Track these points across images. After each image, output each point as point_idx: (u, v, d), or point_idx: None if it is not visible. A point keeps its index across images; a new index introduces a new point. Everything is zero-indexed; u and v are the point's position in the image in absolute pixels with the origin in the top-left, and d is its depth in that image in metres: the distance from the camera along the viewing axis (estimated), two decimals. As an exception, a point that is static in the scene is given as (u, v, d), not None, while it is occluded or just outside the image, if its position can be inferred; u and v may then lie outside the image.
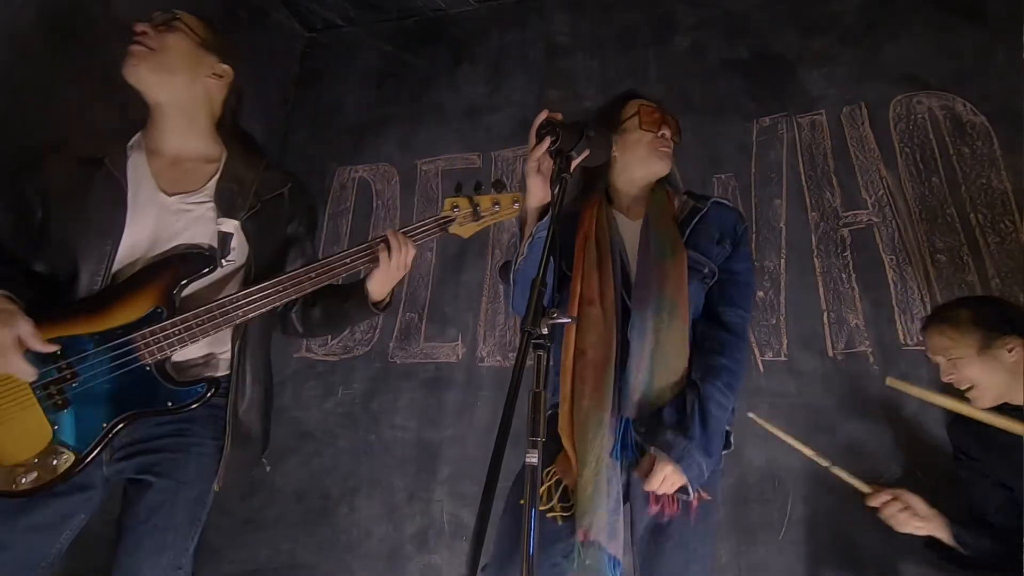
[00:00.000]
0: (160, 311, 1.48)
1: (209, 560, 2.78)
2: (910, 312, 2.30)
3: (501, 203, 1.64)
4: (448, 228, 1.63)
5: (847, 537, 2.14)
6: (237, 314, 1.51)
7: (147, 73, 1.58)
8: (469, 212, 1.63)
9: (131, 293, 1.49)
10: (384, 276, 1.60)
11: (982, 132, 2.40)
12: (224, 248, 1.57)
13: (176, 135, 1.65)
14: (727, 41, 2.87)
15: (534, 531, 0.96)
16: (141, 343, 1.46)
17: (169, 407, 1.49)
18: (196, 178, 1.64)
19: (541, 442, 0.98)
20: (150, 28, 1.61)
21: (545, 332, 1.07)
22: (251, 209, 1.63)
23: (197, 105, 1.66)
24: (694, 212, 1.72)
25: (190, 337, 1.48)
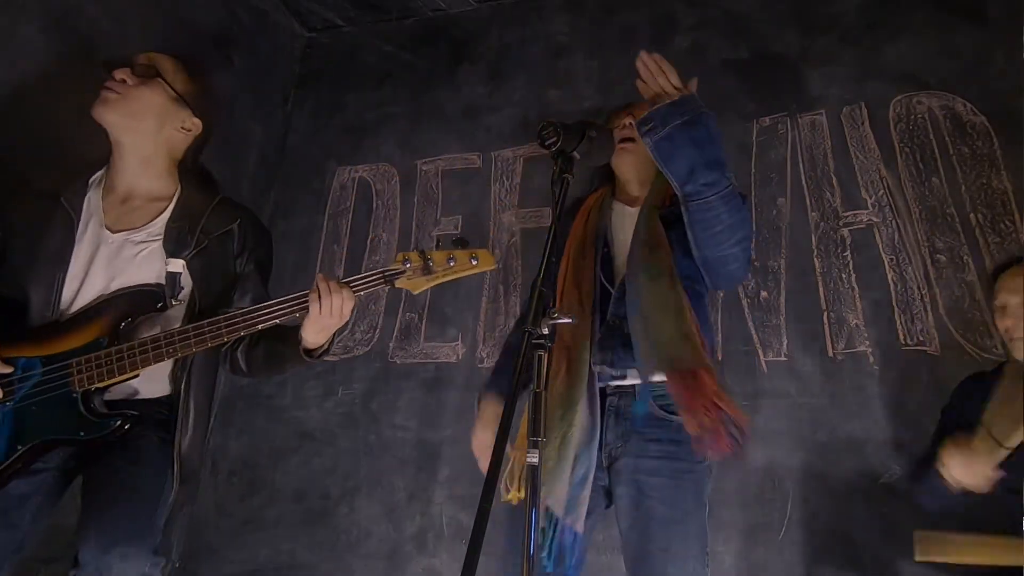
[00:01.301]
0: (101, 341, 1.52)
1: (209, 560, 2.78)
2: (910, 312, 2.30)
3: (457, 259, 1.55)
4: (395, 282, 1.56)
5: (847, 537, 2.14)
6: (167, 351, 1.51)
7: (114, 117, 1.64)
8: (420, 266, 1.55)
9: (80, 324, 1.53)
10: (315, 324, 1.53)
11: (982, 132, 2.40)
12: (174, 288, 1.60)
13: (130, 174, 1.69)
14: (727, 41, 2.87)
15: (535, 531, 0.96)
16: (75, 369, 1.49)
17: (80, 436, 1.50)
18: (142, 215, 1.67)
19: (542, 442, 0.99)
20: (128, 76, 1.64)
21: (546, 332, 1.07)
22: (197, 246, 1.66)
23: (158, 152, 1.71)
24: None
25: (119, 369, 1.49)
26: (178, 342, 1.51)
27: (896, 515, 2.11)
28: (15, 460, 1.46)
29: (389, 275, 1.55)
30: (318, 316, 1.49)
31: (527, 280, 2.76)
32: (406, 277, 1.55)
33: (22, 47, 2.24)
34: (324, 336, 1.58)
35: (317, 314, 1.49)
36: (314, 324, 1.52)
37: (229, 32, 3.18)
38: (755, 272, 2.50)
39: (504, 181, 2.99)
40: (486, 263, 1.56)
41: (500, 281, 2.83)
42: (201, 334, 1.51)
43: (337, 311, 1.49)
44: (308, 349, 1.60)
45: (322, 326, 1.53)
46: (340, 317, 1.51)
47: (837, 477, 2.20)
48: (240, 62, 3.22)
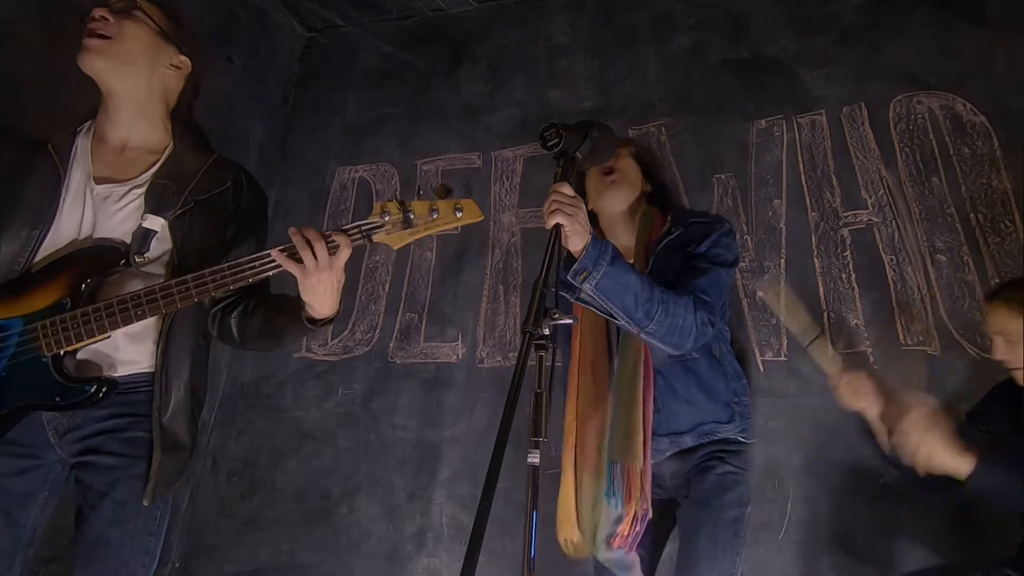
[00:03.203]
0: (64, 302, 1.43)
1: (209, 560, 2.78)
2: (910, 312, 2.30)
3: (440, 210, 1.41)
4: (372, 236, 1.43)
5: (847, 537, 2.14)
6: (135, 312, 1.42)
7: (103, 64, 1.54)
8: (399, 219, 1.41)
9: (42, 283, 1.46)
10: (307, 283, 1.41)
11: (982, 132, 2.40)
12: (143, 244, 1.50)
13: (125, 124, 1.61)
14: (727, 41, 2.87)
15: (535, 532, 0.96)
16: (40, 332, 1.42)
17: (57, 403, 1.42)
18: (134, 167, 1.59)
19: (543, 442, 0.98)
20: (108, 14, 1.55)
21: (546, 333, 1.07)
22: (183, 207, 1.56)
23: (152, 96, 1.62)
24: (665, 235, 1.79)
25: (87, 332, 1.41)
26: (145, 303, 1.41)
27: (896, 515, 2.11)
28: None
29: (367, 229, 1.43)
30: (303, 272, 1.38)
31: (527, 280, 2.76)
32: (384, 231, 1.43)
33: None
34: (327, 299, 1.44)
35: (308, 267, 1.37)
36: (305, 282, 1.40)
37: (229, 32, 3.18)
38: (754, 272, 2.50)
39: (504, 181, 2.99)
40: (471, 214, 1.42)
41: (500, 281, 2.83)
42: (169, 294, 1.41)
43: (324, 262, 1.37)
44: (313, 318, 1.49)
45: (314, 284, 1.40)
46: (329, 267, 1.38)
47: (837, 477, 2.20)
48: (240, 62, 3.22)
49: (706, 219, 1.79)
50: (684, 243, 1.74)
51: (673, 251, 1.73)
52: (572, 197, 1.42)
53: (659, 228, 1.80)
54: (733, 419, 1.73)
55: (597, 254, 1.47)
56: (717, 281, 1.67)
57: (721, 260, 1.70)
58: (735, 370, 1.80)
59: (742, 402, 1.78)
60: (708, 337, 1.66)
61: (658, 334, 1.55)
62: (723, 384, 1.74)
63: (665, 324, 1.54)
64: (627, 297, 1.50)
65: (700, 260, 1.69)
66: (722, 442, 1.71)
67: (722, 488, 1.67)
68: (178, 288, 1.42)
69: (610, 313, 1.53)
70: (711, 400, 1.72)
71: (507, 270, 2.84)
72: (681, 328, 1.56)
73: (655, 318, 1.53)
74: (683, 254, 1.72)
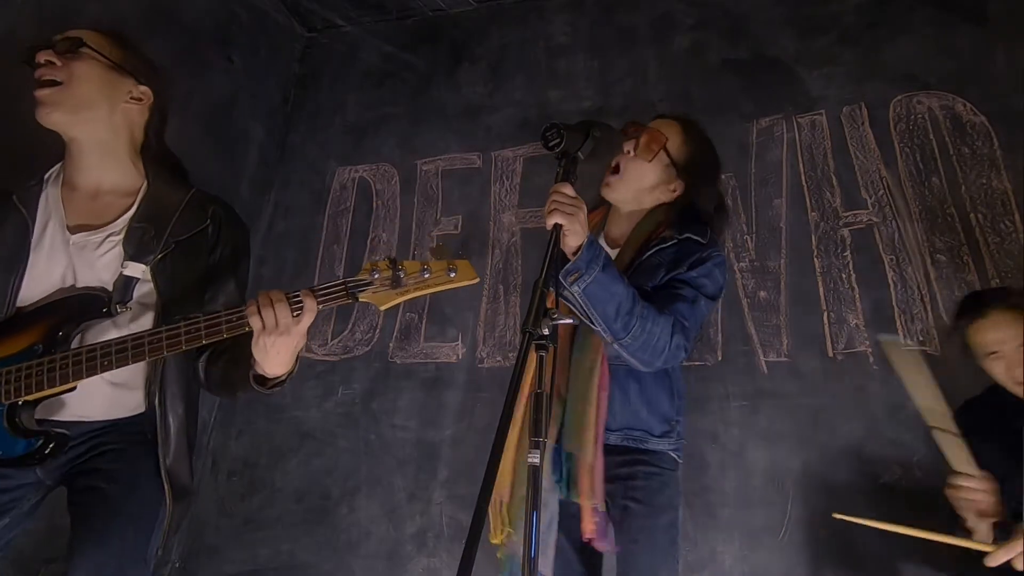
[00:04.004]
0: (36, 348, 1.38)
1: (209, 560, 2.78)
2: (910, 312, 2.30)
3: (432, 271, 1.36)
4: (359, 295, 1.35)
5: (847, 537, 2.14)
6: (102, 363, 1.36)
7: (60, 115, 1.48)
8: (388, 277, 1.35)
9: (20, 329, 1.41)
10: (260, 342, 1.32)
11: (982, 132, 2.40)
12: (125, 293, 1.46)
13: (94, 169, 1.55)
14: (727, 41, 2.87)
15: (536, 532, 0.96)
16: (3, 379, 1.36)
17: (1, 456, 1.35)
18: (108, 213, 1.53)
19: (543, 443, 0.98)
20: (53, 56, 1.47)
21: (546, 333, 1.07)
22: (164, 250, 1.51)
23: (117, 135, 1.56)
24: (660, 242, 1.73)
25: (49, 381, 1.35)
26: (115, 354, 1.35)
27: (896, 515, 2.11)
28: None
29: (352, 286, 1.35)
30: (260, 332, 1.31)
31: (527, 280, 2.77)
32: (371, 290, 1.35)
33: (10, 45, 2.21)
34: (277, 360, 1.36)
35: (259, 329, 1.30)
36: (259, 343, 1.33)
37: (229, 32, 3.18)
38: (754, 272, 2.50)
39: (504, 181, 2.99)
40: (465, 276, 1.37)
41: (500, 281, 2.83)
42: (139, 346, 1.35)
43: (284, 326, 1.29)
44: (261, 376, 1.40)
45: (268, 345, 1.32)
46: (288, 332, 1.30)
47: (837, 477, 2.20)
48: (240, 62, 3.22)
49: (703, 240, 1.71)
50: (673, 260, 1.69)
51: (660, 264, 1.69)
52: (572, 198, 1.42)
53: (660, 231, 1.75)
54: (669, 435, 1.70)
55: (591, 257, 1.47)
56: (698, 310, 1.65)
57: (706, 291, 1.67)
58: (680, 388, 1.76)
59: (681, 422, 1.74)
60: (678, 362, 1.64)
61: (631, 348, 1.55)
62: (666, 399, 1.71)
63: (640, 340, 1.53)
64: (610, 306, 1.49)
65: (686, 286, 1.65)
66: (647, 452, 1.67)
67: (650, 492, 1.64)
68: (150, 340, 1.36)
69: (590, 318, 1.52)
70: (650, 411, 1.69)
71: (507, 270, 2.84)
72: (655, 347, 1.55)
73: (632, 332, 1.52)
74: (668, 270, 1.68)
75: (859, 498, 2.16)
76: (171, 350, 1.36)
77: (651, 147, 1.76)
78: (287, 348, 1.34)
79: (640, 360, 1.58)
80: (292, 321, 1.30)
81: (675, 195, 1.79)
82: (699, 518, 2.28)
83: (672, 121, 1.84)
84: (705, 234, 1.72)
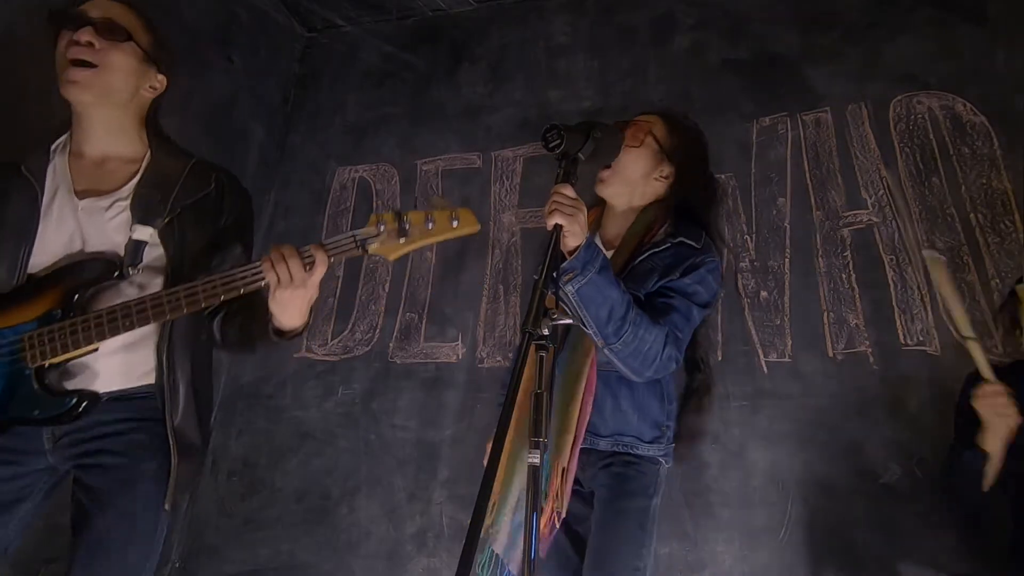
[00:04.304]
0: (55, 313, 1.42)
1: (209, 560, 2.78)
2: (910, 312, 2.30)
3: (436, 220, 1.41)
4: (368, 247, 1.41)
5: (847, 537, 2.14)
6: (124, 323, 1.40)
7: (89, 97, 1.52)
8: (394, 229, 1.40)
9: (34, 296, 1.44)
10: (276, 296, 1.40)
11: (982, 132, 2.40)
12: (135, 256, 1.49)
13: (101, 139, 1.59)
14: (727, 41, 2.87)
15: (535, 532, 0.96)
16: (27, 343, 1.40)
17: (36, 416, 1.40)
18: (114, 179, 1.57)
19: (543, 442, 0.98)
20: (95, 37, 1.48)
21: (546, 333, 1.07)
22: (170, 214, 1.54)
23: (128, 114, 1.61)
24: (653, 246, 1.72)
25: (73, 343, 1.39)
26: (135, 314, 1.40)
27: (896, 515, 2.11)
28: None
29: (361, 239, 1.41)
30: (276, 286, 1.38)
31: (527, 280, 2.77)
32: (379, 242, 1.41)
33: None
34: (293, 312, 1.44)
35: (274, 283, 1.37)
36: (275, 297, 1.40)
37: (229, 32, 3.18)
38: (755, 272, 2.50)
39: (504, 181, 2.99)
40: (468, 224, 1.41)
41: (500, 281, 2.83)
42: (159, 305, 1.40)
43: (299, 279, 1.37)
44: (280, 329, 1.47)
45: (285, 299, 1.40)
46: (303, 284, 1.37)
47: (837, 477, 2.20)
48: (240, 62, 3.22)
49: (697, 244, 1.70)
50: (667, 265, 1.67)
51: (653, 269, 1.67)
52: (573, 199, 1.42)
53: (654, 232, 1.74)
54: (659, 440, 1.69)
55: (588, 259, 1.46)
56: (691, 320, 1.64)
57: (699, 299, 1.66)
58: (670, 393, 1.75)
59: (671, 428, 1.73)
60: (668, 373, 1.63)
61: (621, 355, 1.54)
62: (657, 405, 1.70)
63: (631, 347, 1.52)
64: (603, 309, 1.49)
65: (678, 295, 1.64)
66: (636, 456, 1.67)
67: (624, 479, 1.64)
68: (168, 299, 1.41)
69: (582, 320, 1.51)
70: (640, 417, 1.68)
71: (507, 270, 2.84)
72: (645, 355, 1.54)
73: (623, 338, 1.51)
74: (661, 276, 1.66)
75: (859, 498, 2.16)
76: (190, 308, 1.41)
77: (637, 136, 1.77)
78: (302, 300, 1.41)
79: (630, 368, 1.57)
80: (305, 274, 1.37)
81: (667, 181, 1.79)
82: (699, 518, 2.28)
83: (653, 114, 1.85)
84: (699, 238, 1.71)
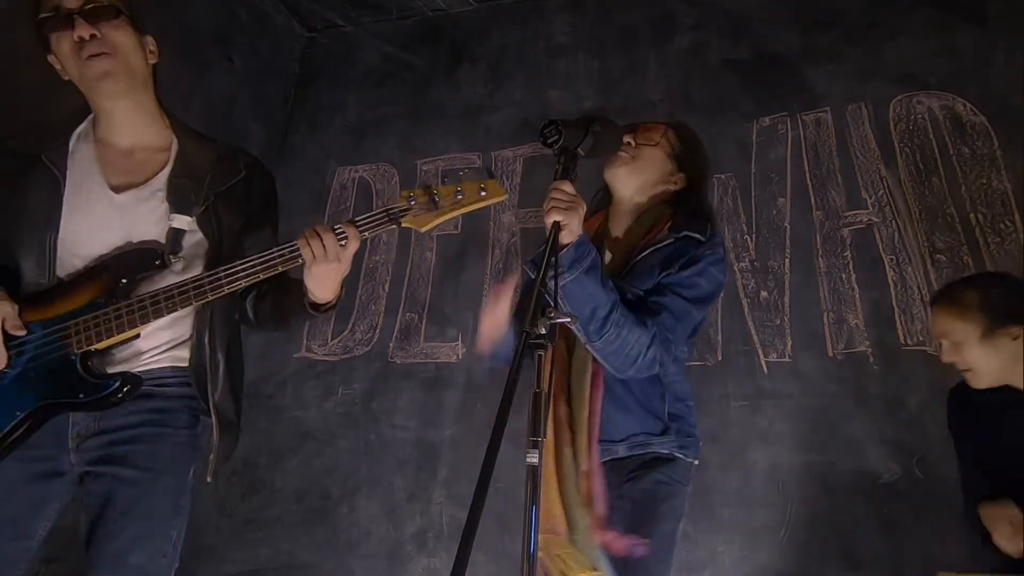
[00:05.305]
0: (99, 301, 1.45)
1: (209, 560, 2.78)
2: (910, 312, 2.30)
3: (464, 192, 1.47)
4: (401, 220, 1.46)
5: (847, 537, 2.14)
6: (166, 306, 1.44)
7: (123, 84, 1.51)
8: (425, 202, 1.46)
9: (79, 287, 1.47)
10: (312, 272, 1.44)
11: (982, 132, 2.40)
12: (176, 245, 1.52)
13: (127, 127, 1.58)
14: (727, 41, 2.87)
15: (535, 531, 0.96)
16: (72, 331, 1.43)
17: (81, 399, 1.43)
18: (147, 169, 1.58)
19: (542, 442, 0.98)
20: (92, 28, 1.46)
21: (543, 332, 1.07)
22: (205, 202, 1.57)
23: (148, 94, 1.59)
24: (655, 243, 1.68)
25: (118, 328, 1.42)
26: (178, 297, 1.43)
27: (896, 515, 2.11)
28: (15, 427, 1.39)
29: (394, 213, 1.46)
30: (312, 261, 1.42)
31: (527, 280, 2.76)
32: (412, 215, 1.46)
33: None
34: (329, 286, 1.49)
35: (310, 259, 1.42)
36: (311, 272, 1.44)
37: (229, 32, 3.18)
38: (755, 272, 2.50)
39: (504, 181, 2.99)
40: (495, 193, 1.47)
41: (500, 281, 2.83)
42: (200, 287, 1.44)
43: (333, 254, 1.41)
44: (315, 303, 1.52)
45: (320, 273, 1.44)
46: (337, 259, 1.42)
47: (837, 477, 2.20)
48: (240, 62, 3.22)
49: (702, 236, 1.67)
50: (668, 259, 1.64)
51: (655, 266, 1.64)
52: (572, 195, 1.42)
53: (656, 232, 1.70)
54: (667, 432, 1.65)
55: (577, 257, 1.45)
56: (686, 319, 1.61)
57: (698, 293, 1.62)
58: (674, 393, 1.69)
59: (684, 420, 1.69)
60: (653, 373, 1.60)
61: (603, 352, 1.53)
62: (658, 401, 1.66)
63: (613, 345, 1.51)
64: (587, 307, 1.48)
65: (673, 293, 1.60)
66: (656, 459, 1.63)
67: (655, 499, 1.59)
68: (210, 282, 1.44)
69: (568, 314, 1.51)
70: (645, 411, 1.65)
71: (507, 270, 2.84)
72: (627, 355, 1.53)
73: (605, 337, 1.50)
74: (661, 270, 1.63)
75: (859, 498, 2.16)
76: (231, 287, 1.44)
77: (653, 135, 1.76)
78: (336, 274, 1.46)
79: (612, 365, 1.55)
80: (339, 249, 1.42)
81: (677, 187, 1.77)
82: (699, 518, 2.28)
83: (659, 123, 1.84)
84: (705, 230, 1.68)
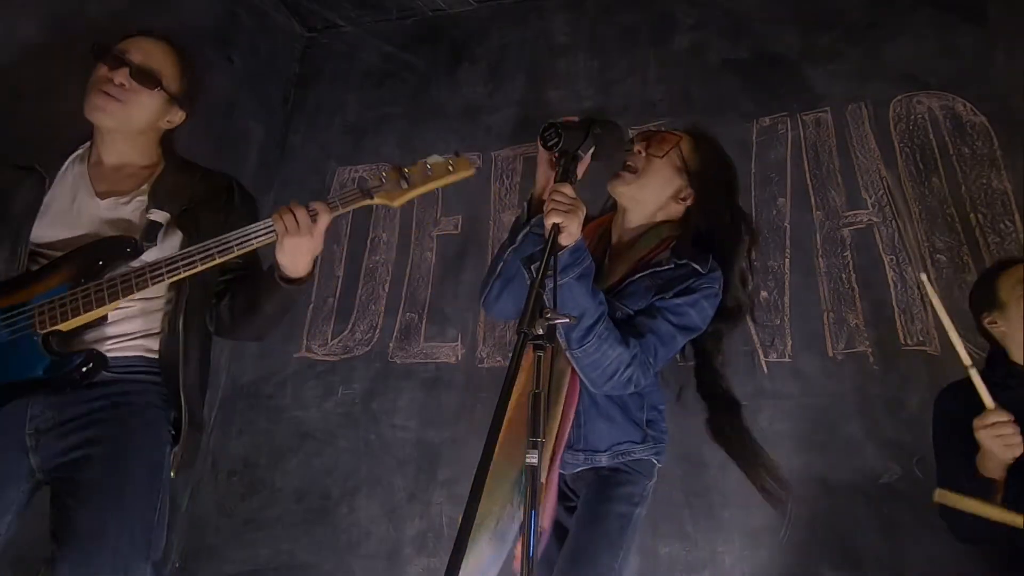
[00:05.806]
0: (68, 285, 1.48)
1: (209, 560, 2.78)
2: (910, 312, 2.30)
3: (433, 168, 1.54)
4: (374, 196, 1.54)
5: (848, 538, 2.14)
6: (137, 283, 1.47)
7: (111, 123, 1.63)
8: (396, 179, 1.54)
9: (47, 274, 1.50)
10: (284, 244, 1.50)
11: (982, 132, 2.40)
12: (150, 235, 1.57)
13: (118, 151, 1.69)
14: (727, 41, 2.87)
15: (534, 532, 0.96)
16: (36, 312, 1.46)
17: (40, 376, 1.44)
18: (132, 181, 1.67)
19: (541, 442, 0.98)
20: (127, 80, 1.60)
21: (541, 332, 1.07)
22: (187, 204, 1.65)
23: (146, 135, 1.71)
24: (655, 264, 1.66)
25: (84, 307, 1.45)
26: (148, 274, 1.47)
27: (896, 515, 2.11)
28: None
29: (366, 189, 1.54)
30: (284, 234, 1.48)
31: (527, 280, 2.76)
32: (384, 191, 1.54)
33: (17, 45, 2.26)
34: (300, 260, 1.54)
35: (283, 231, 1.48)
36: (283, 245, 1.50)
37: (229, 32, 3.18)
38: (755, 272, 2.49)
39: (504, 181, 2.99)
40: (463, 168, 1.55)
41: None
42: (173, 264, 1.48)
43: (305, 226, 1.48)
44: (288, 277, 1.56)
45: (292, 246, 1.50)
46: (309, 232, 1.49)
47: (837, 477, 2.20)
48: (240, 62, 3.22)
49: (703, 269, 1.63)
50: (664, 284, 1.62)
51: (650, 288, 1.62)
52: (572, 198, 1.41)
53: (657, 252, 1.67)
54: (646, 440, 1.67)
55: (571, 262, 1.44)
56: (671, 345, 1.60)
57: (687, 322, 1.61)
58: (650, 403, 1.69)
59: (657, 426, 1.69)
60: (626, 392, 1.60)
61: (580, 362, 1.52)
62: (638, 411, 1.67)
63: (591, 357, 1.50)
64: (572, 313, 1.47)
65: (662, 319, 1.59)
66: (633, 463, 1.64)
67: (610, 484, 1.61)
68: (183, 259, 1.48)
69: None
70: (628, 420, 1.66)
71: (507, 270, 2.84)
72: (604, 369, 1.52)
73: (585, 347, 1.49)
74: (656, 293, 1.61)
75: (859, 498, 2.16)
76: (204, 263, 1.49)
77: (663, 147, 1.71)
78: (308, 249, 1.52)
79: (587, 377, 1.55)
80: (310, 222, 1.49)
81: (685, 204, 1.72)
82: (699, 518, 2.28)
83: (683, 132, 1.78)
84: (706, 262, 1.64)
